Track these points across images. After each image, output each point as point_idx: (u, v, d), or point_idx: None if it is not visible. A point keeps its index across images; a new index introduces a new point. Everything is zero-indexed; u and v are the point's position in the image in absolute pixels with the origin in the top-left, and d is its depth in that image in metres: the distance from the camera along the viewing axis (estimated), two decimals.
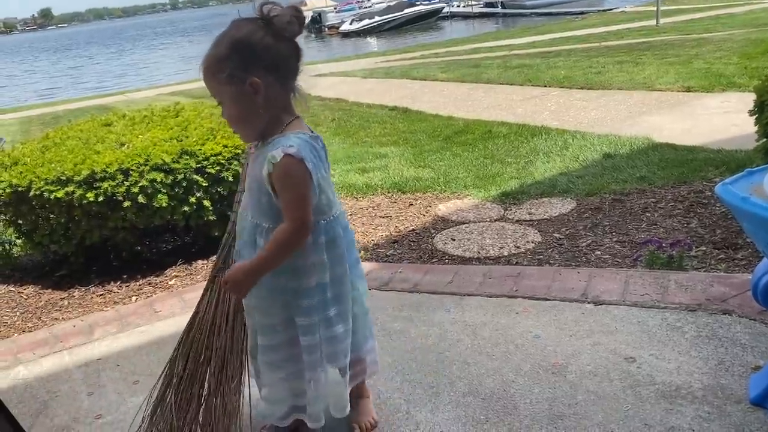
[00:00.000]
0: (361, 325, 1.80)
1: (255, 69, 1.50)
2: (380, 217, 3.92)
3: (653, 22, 15.10)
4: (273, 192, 1.53)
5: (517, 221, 3.60)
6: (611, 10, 26.52)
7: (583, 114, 6.19)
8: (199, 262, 3.46)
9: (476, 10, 40.36)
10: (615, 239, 3.15)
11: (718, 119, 5.21)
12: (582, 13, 27.57)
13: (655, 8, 15.41)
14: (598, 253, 3.03)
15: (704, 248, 2.91)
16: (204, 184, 3.27)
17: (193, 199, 3.25)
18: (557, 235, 3.30)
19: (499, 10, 38.44)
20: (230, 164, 3.32)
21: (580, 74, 8.32)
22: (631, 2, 27.10)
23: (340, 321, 1.68)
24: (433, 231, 3.60)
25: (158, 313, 2.90)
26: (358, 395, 1.90)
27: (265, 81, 1.51)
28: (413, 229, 3.65)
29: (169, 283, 3.27)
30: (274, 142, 1.53)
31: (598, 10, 27.65)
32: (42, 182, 3.10)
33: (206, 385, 1.84)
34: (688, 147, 4.46)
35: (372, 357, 1.87)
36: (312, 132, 1.61)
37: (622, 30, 15.01)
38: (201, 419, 1.80)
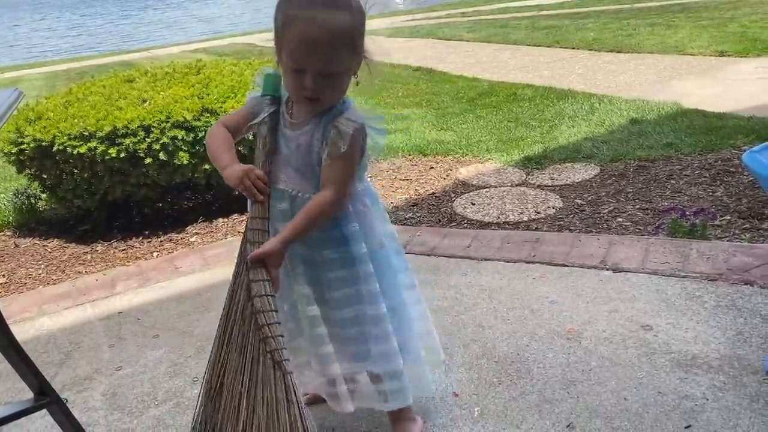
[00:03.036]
0: None
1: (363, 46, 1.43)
2: (400, 179, 3.90)
3: None
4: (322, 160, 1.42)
5: (539, 186, 3.56)
6: None
7: (611, 78, 6.05)
8: (220, 220, 3.48)
9: None
10: (637, 206, 3.11)
11: (751, 85, 5.06)
12: None
13: None
14: (620, 220, 2.99)
15: (729, 217, 2.86)
16: None
17: None
18: (579, 201, 3.26)
19: None
20: None
21: (609, 36, 8.11)
22: None
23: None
24: (453, 195, 3.57)
25: (179, 269, 2.94)
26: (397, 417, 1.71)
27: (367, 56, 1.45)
28: (433, 193, 3.63)
29: (190, 240, 3.31)
30: (336, 111, 1.43)
31: None
32: (65, 137, 3.13)
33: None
34: (717, 113, 4.34)
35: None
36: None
37: None
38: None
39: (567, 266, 2.55)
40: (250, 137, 1.67)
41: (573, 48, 7.87)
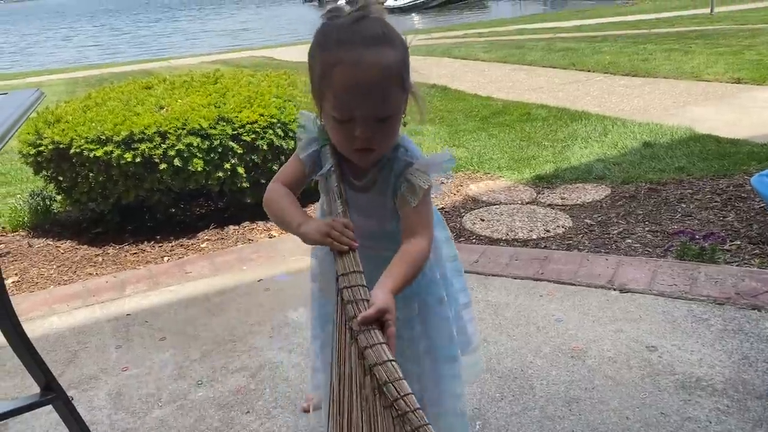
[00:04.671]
0: None
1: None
2: None
3: (707, 10, 14.61)
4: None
5: (549, 205, 3.56)
6: None
7: (625, 101, 6.06)
8: (231, 227, 3.51)
9: None
10: (647, 228, 3.10)
11: (767, 113, 5.05)
12: None
13: None
14: (629, 241, 2.99)
15: (739, 242, 2.85)
16: (239, 151, 3.30)
17: (227, 165, 3.30)
18: (588, 221, 3.26)
19: None
20: (265, 133, 3.34)
21: (625, 60, 8.13)
22: None
23: None
24: (462, 210, 3.59)
25: (188, 274, 2.96)
26: None
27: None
28: (442, 207, 3.65)
29: (201, 246, 3.34)
30: (399, 160, 1.29)
31: None
32: (82, 140, 3.18)
33: None
34: (731, 139, 4.34)
35: None
36: None
37: (674, 17, 14.57)
38: None
39: (574, 285, 2.55)
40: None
41: (588, 70, 7.89)
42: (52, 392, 1.69)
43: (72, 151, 3.19)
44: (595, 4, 26.75)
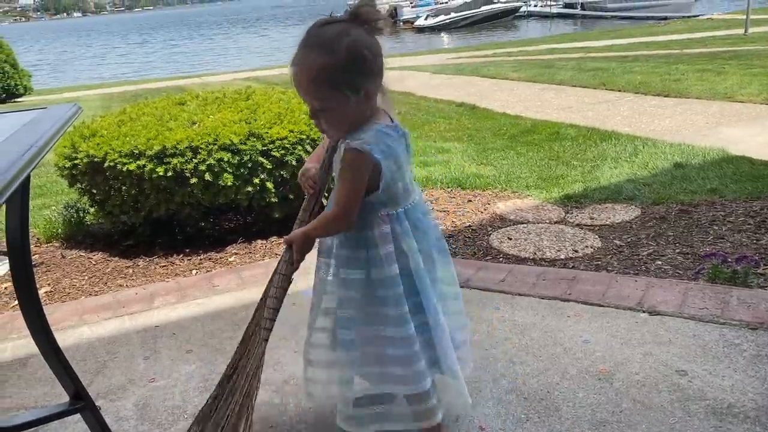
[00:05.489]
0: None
1: (370, 75, 1.47)
2: (438, 210, 3.92)
3: (741, 30, 14.44)
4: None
5: (578, 225, 3.53)
6: (697, 16, 25.50)
7: (656, 121, 6.00)
8: (259, 242, 3.55)
9: (555, 10, 39.50)
10: (678, 250, 3.06)
11: None
12: (665, 18, 26.65)
13: (744, 16, 14.73)
14: (659, 263, 2.94)
15: None
16: (268, 167, 3.34)
17: (257, 181, 3.34)
18: (618, 242, 3.23)
19: (578, 11, 37.56)
20: (294, 149, 3.38)
21: (657, 80, 8.06)
22: (720, 9, 26.01)
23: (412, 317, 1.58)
24: (489, 229, 3.57)
25: (216, 288, 2.99)
26: None
27: (374, 88, 1.49)
28: (469, 225, 3.64)
29: (229, 259, 3.37)
30: (351, 135, 1.50)
31: (683, 16, 26.65)
32: (116, 154, 3.25)
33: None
34: (765, 161, 4.26)
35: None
36: (392, 121, 1.57)
37: (707, 38, 14.42)
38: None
39: (602, 306, 2.51)
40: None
41: (619, 90, 7.84)
42: (81, 401, 1.72)
43: (106, 164, 3.26)
44: (627, 25, 26.62)
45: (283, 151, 3.36)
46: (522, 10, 41.02)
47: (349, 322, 1.61)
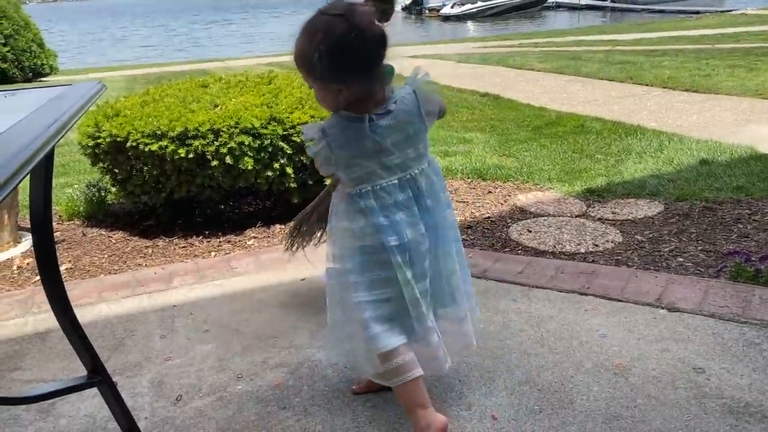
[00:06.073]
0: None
1: (343, 73, 1.55)
2: (457, 201, 3.90)
3: None
4: None
5: (599, 219, 3.49)
6: (730, 11, 25.02)
7: (684, 117, 5.91)
8: (277, 226, 3.56)
9: (583, 2, 38.93)
10: (700, 248, 3.01)
11: None
12: (697, 12, 26.17)
13: None
14: (680, 260, 2.90)
15: None
16: (288, 152, 3.35)
17: (276, 165, 3.34)
18: (639, 238, 3.19)
19: (608, 3, 37.03)
20: None
21: (686, 76, 7.93)
22: (755, 4, 25.48)
23: (363, 290, 1.70)
24: (509, 220, 3.55)
25: (234, 270, 3.01)
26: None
27: (352, 83, 1.58)
28: (489, 217, 3.62)
29: (247, 243, 3.39)
30: (328, 117, 1.69)
31: (716, 11, 26.17)
32: (139, 134, 3.27)
33: None
34: None
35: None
36: (368, 113, 1.63)
37: (740, 33, 14.15)
38: None
39: (621, 301, 2.49)
40: None
41: (646, 85, 7.73)
42: (98, 376, 1.74)
43: (128, 144, 3.28)
44: (657, 18, 26.20)
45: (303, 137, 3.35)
46: (550, 1, 40.52)
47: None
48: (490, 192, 4.06)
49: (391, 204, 1.67)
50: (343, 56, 1.52)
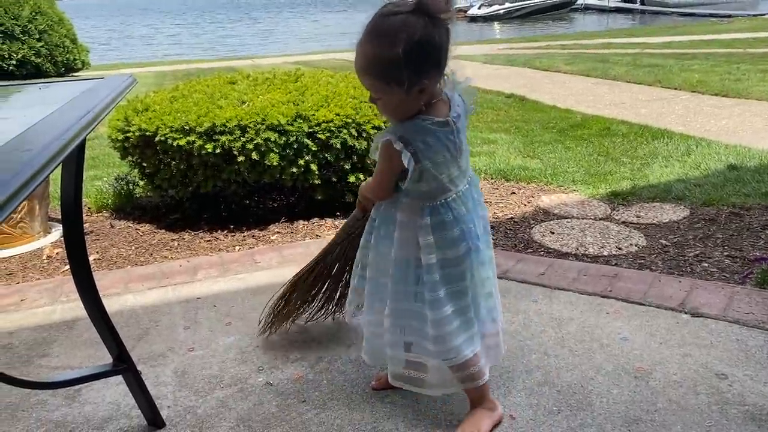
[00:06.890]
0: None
1: (427, 71, 1.48)
2: None
3: None
4: None
5: (623, 222, 3.47)
6: (763, 15, 24.58)
7: (712, 122, 5.83)
8: (300, 222, 3.59)
9: (612, 4, 38.49)
10: (726, 253, 2.98)
11: None
12: (729, 16, 25.76)
13: None
14: (705, 265, 2.87)
15: None
16: (313, 149, 3.38)
17: (301, 162, 3.37)
18: (664, 242, 3.16)
19: (637, 6, 36.56)
20: (340, 132, 3.40)
21: (716, 80, 7.82)
22: None
23: (448, 302, 1.67)
24: (532, 222, 3.54)
25: (257, 264, 3.05)
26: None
27: (433, 80, 1.51)
28: (512, 218, 3.61)
29: (271, 238, 3.43)
30: (395, 125, 1.58)
31: (749, 15, 25.72)
32: (167, 129, 3.32)
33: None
34: None
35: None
36: (447, 116, 1.58)
37: None
38: None
39: (644, 305, 2.47)
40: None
41: (675, 88, 7.64)
42: (123, 364, 1.78)
43: (157, 138, 3.34)
44: (687, 21, 25.83)
45: (328, 134, 3.38)
46: (579, 3, 40.11)
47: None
48: (514, 193, 4.05)
49: (464, 212, 1.66)
50: (429, 53, 1.45)
